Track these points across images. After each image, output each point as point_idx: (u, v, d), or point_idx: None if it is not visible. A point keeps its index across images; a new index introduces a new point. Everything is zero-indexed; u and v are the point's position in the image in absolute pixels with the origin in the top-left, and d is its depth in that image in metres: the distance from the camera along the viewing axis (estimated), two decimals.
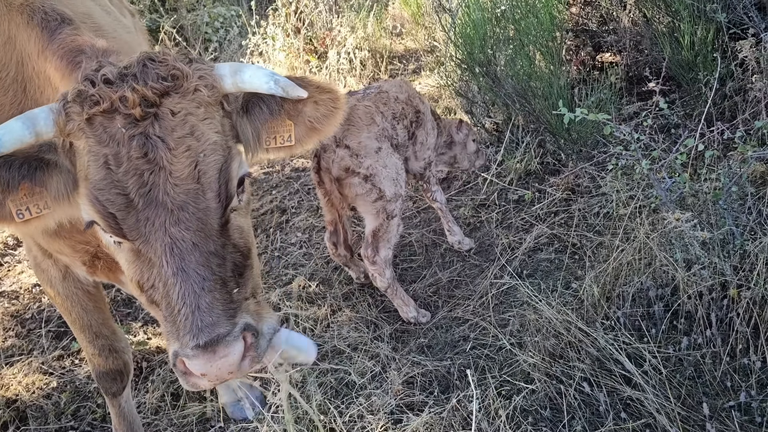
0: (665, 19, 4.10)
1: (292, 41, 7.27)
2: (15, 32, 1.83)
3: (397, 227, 3.01)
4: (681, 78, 3.92)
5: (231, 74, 1.45)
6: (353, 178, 2.85)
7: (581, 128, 3.62)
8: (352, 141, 2.85)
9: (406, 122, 3.18)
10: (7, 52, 1.85)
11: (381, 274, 3.01)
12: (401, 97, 3.20)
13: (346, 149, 2.84)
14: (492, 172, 4.07)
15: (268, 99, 1.58)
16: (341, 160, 2.84)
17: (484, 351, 2.77)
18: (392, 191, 2.92)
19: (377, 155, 2.88)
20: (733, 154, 2.77)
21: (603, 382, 2.31)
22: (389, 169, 2.91)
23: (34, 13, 1.78)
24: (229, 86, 1.47)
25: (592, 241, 3.12)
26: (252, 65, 1.47)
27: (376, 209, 2.92)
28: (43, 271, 2.34)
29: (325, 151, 2.88)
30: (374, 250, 2.98)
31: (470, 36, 4.15)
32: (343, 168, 2.85)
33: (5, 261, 4.49)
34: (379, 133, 2.94)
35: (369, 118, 2.93)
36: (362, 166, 2.84)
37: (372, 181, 2.86)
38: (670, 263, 2.42)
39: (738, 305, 2.26)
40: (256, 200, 4.81)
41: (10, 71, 1.85)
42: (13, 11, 1.85)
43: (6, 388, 3.14)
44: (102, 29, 2.07)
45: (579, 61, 4.74)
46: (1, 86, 1.87)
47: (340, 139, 2.86)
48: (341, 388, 2.77)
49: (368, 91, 3.17)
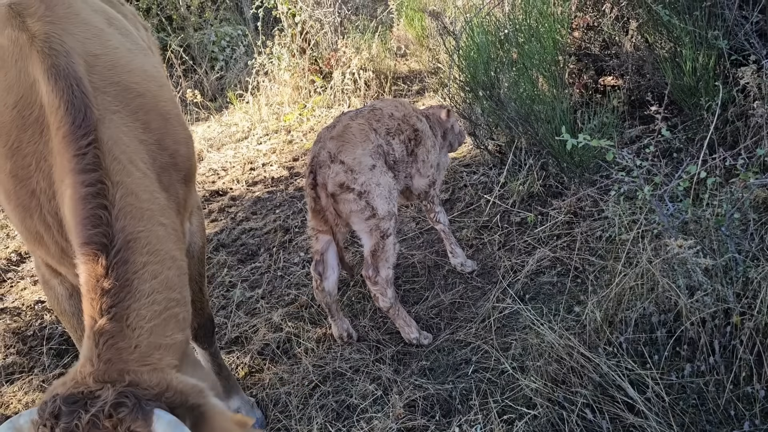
0: (667, 45, 4.14)
1: (297, 61, 7.35)
2: (39, 79, 1.87)
3: (394, 246, 3.01)
4: (683, 103, 3.94)
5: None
6: (348, 194, 2.88)
7: (584, 152, 3.64)
8: (347, 157, 2.88)
9: (402, 137, 3.18)
10: (33, 94, 1.90)
11: (383, 294, 3.01)
12: (396, 115, 3.22)
13: (341, 164, 2.87)
14: (494, 194, 4.09)
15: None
16: (336, 176, 2.87)
17: (486, 375, 2.76)
18: (385, 209, 2.93)
19: (371, 172, 2.90)
20: (735, 180, 2.78)
21: (605, 409, 2.30)
22: (382, 187, 2.93)
23: (59, 77, 1.83)
24: None
25: (594, 265, 3.12)
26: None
27: (369, 227, 2.93)
28: (51, 288, 2.35)
29: (320, 167, 2.91)
30: (375, 270, 2.98)
31: (474, 59, 4.19)
32: (338, 183, 2.87)
33: (8, 277, 4.50)
34: (373, 150, 2.96)
35: (363, 136, 2.96)
36: (357, 182, 2.86)
37: (366, 199, 2.88)
38: (673, 289, 2.42)
39: (741, 332, 2.25)
40: (260, 219, 4.82)
41: (34, 112, 1.90)
42: (34, 53, 1.90)
43: (6, 406, 3.14)
44: (117, 65, 2.10)
45: (581, 85, 4.78)
46: (23, 123, 1.91)
47: (335, 155, 2.88)
48: (342, 411, 2.76)
49: (361, 109, 3.21)
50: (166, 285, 1.78)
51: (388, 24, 8.90)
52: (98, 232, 1.68)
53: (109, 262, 1.66)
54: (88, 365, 1.55)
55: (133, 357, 1.59)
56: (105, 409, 1.46)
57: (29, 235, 2.06)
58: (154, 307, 1.71)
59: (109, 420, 1.46)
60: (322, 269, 3.13)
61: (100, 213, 1.71)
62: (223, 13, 10.20)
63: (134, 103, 2.08)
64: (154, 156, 2.09)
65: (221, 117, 7.88)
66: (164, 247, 1.86)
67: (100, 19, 2.31)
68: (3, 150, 1.96)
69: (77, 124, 1.78)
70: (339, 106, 7.04)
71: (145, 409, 1.48)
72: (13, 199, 2.01)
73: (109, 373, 1.54)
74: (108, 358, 1.56)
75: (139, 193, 1.87)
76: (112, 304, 1.63)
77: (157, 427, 1.47)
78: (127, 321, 1.63)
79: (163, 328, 1.70)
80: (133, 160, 1.93)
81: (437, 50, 7.11)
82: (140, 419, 1.47)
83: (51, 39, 1.93)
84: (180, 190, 2.25)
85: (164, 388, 1.55)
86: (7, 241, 5.00)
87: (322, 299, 3.17)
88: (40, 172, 1.91)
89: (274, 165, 5.96)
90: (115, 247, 1.69)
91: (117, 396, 1.48)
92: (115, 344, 1.59)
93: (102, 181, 1.75)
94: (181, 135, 2.31)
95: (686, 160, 3.25)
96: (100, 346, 1.57)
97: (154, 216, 1.88)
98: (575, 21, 4.74)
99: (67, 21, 2.08)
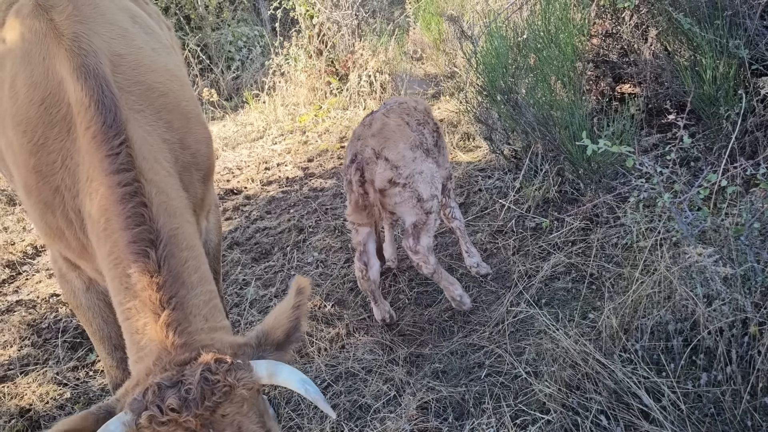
0: (687, 53, 4.12)
1: (314, 62, 7.38)
2: (67, 78, 1.90)
3: (435, 221, 3.15)
4: (701, 112, 3.92)
5: (268, 376, 1.64)
6: (395, 188, 3.03)
7: (601, 158, 3.63)
8: (390, 153, 3.02)
9: (429, 127, 3.35)
10: (60, 93, 1.92)
11: (425, 261, 3.12)
12: (419, 108, 3.40)
13: (386, 162, 3.00)
14: (509, 199, 4.08)
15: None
16: (383, 172, 3.00)
17: (499, 379, 2.76)
18: (428, 193, 3.07)
19: (413, 164, 3.05)
20: (755, 190, 2.76)
21: (620, 416, 2.29)
22: (425, 174, 3.08)
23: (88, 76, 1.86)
24: (266, 382, 1.66)
25: (610, 271, 3.11)
26: (286, 367, 1.65)
27: (414, 209, 3.09)
28: (67, 281, 2.38)
29: (367, 164, 3.03)
30: (416, 239, 3.10)
31: (492, 64, 4.19)
32: (386, 179, 3.01)
33: (24, 270, 4.55)
34: (412, 143, 3.11)
35: (401, 131, 3.11)
36: (402, 176, 3.01)
37: (411, 188, 3.04)
38: (690, 298, 2.41)
39: (759, 343, 2.24)
40: (274, 218, 4.84)
41: (62, 109, 1.92)
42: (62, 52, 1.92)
43: (20, 397, 3.16)
44: (141, 65, 2.12)
45: (598, 92, 4.77)
46: (50, 120, 1.94)
47: (380, 152, 3.02)
48: (355, 411, 2.76)
49: (388, 105, 3.34)
50: (205, 278, 1.86)
51: (404, 27, 8.93)
52: (143, 229, 1.74)
53: (159, 256, 1.72)
54: (164, 355, 1.62)
55: (202, 338, 1.67)
56: (211, 367, 1.55)
57: (49, 230, 2.09)
58: (202, 297, 1.78)
59: (218, 374, 1.54)
60: (367, 259, 3.26)
61: (141, 211, 1.75)
62: (241, 13, 10.27)
63: (157, 102, 2.11)
64: (177, 155, 2.12)
65: (237, 116, 7.92)
66: (196, 243, 1.92)
67: (125, 18, 2.33)
68: (28, 146, 1.99)
69: (108, 124, 1.82)
70: (354, 108, 7.06)
71: (242, 362, 1.61)
72: (35, 194, 2.03)
73: (189, 354, 1.61)
74: (183, 343, 1.64)
75: (168, 191, 1.91)
76: (171, 296, 1.69)
77: (259, 370, 1.62)
78: (188, 309, 1.70)
79: (213, 314, 1.78)
80: (159, 160, 1.96)
81: (454, 54, 7.12)
82: (243, 368, 1.59)
83: (80, 38, 1.96)
84: (199, 188, 2.27)
85: (236, 347, 1.67)
86: (23, 235, 5.05)
87: (367, 287, 3.29)
88: (65, 169, 1.94)
89: (289, 165, 5.98)
90: (162, 242, 1.75)
91: (215, 357, 1.58)
92: (185, 330, 1.66)
93: (137, 180, 1.79)
94: (202, 134, 2.34)
95: (705, 168, 3.24)
96: (171, 336, 1.65)
97: (183, 214, 1.92)
98: (594, 28, 4.73)
99: (94, 21, 2.10)
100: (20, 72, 2.02)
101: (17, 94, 2.01)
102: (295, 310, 1.73)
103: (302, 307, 1.75)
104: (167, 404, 1.49)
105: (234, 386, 1.57)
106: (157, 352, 1.63)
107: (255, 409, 1.64)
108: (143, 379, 1.58)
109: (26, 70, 2.01)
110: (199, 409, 1.51)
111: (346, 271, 3.89)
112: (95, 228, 1.83)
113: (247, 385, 1.59)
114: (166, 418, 1.49)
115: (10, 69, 2.06)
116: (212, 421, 1.53)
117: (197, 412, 1.51)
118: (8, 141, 2.08)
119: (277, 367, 1.64)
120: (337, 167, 5.68)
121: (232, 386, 1.56)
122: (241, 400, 1.58)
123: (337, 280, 3.80)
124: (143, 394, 1.52)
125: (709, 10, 3.75)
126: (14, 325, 3.77)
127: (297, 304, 1.73)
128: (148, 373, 1.59)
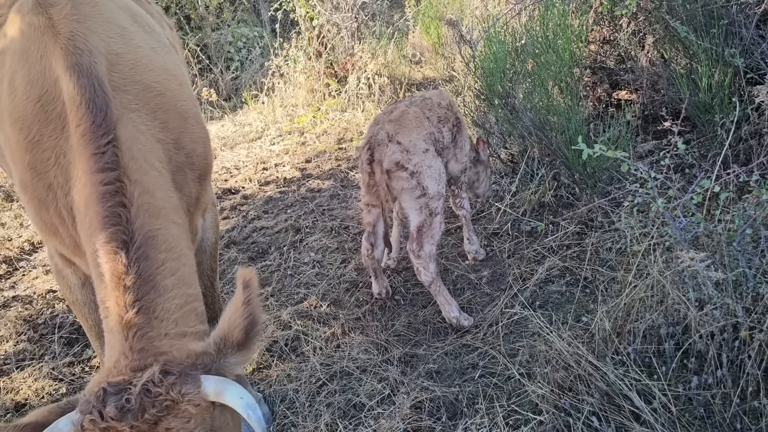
0: (683, 61, 4.16)
1: (313, 64, 7.41)
2: (62, 76, 1.90)
3: (440, 225, 3.22)
4: (696, 119, 3.96)
5: (215, 394, 1.59)
6: (402, 172, 3.10)
7: (597, 163, 3.67)
8: (404, 139, 3.12)
9: (449, 125, 3.46)
10: (56, 90, 1.93)
11: (425, 267, 3.19)
12: (443, 103, 3.51)
13: (398, 145, 3.10)
14: (505, 203, 4.11)
15: None
16: (393, 154, 3.10)
17: (492, 379, 2.78)
18: (435, 189, 3.15)
19: (424, 155, 3.14)
20: (748, 197, 2.80)
21: (612, 418, 2.32)
22: (433, 169, 3.16)
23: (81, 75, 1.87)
24: (212, 399, 1.60)
25: (604, 275, 3.14)
26: (235, 388, 1.59)
27: (419, 205, 3.15)
28: (63, 277, 2.39)
29: (378, 145, 3.13)
30: (419, 244, 3.17)
31: (491, 68, 4.22)
32: (394, 162, 3.10)
33: (20, 266, 4.55)
34: (426, 136, 3.21)
35: (419, 122, 3.22)
36: (411, 162, 3.10)
37: (417, 178, 3.11)
38: (683, 302, 2.44)
39: (749, 347, 2.27)
40: (271, 218, 4.86)
41: (57, 107, 1.93)
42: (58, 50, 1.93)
43: (16, 392, 3.17)
44: (138, 64, 2.13)
45: (595, 97, 4.81)
46: (46, 117, 1.94)
47: (393, 136, 3.13)
48: (349, 410, 2.78)
49: (413, 98, 3.49)
50: (184, 281, 1.83)
51: (404, 31, 8.97)
52: (118, 229, 1.73)
53: (130, 258, 1.70)
54: (122, 359, 1.60)
55: (163, 343, 1.64)
56: (154, 379, 1.52)
57: (44, 226, 2.10)
58: (176, 300, 1.75)
59: (160, 387, 1.52)
60: (374, 240, 3.40)
61: (119, 211, 1.75)
62: (241, 14, 10.30)
63: (154, 102, 2.11)
64: (171, 155, 2.12)
65: (235, 116, 7.94)
66: (179, 244, 1.90)
67: (124, 17, 2.34)
68: (24, 142, 2.00)
69: (97, 123, 1.82)
70: (353, 110, 7.09)
71: (190, 375, 1.56)
72: (30, 191, 2.04)
73: (144, 360, 1.59)
74: (140, 348, 1.61)
75: (155, 191, 1.90)
76: (137, 298, 1.67)
77: (206, 387, 1.56)
78: (154, 313, 1.67)
79: (185, 319, 1.75)
80: (149, 159, 1.96)
81: (452, 58, 7.16)
82: (189, 383, 1.55)
83: (76, 37, 1.96)
84: (194, 188, 2.28)
85: (194, 357, 1.62)
86: (20, 231, 5.06)
87: (370, 265, 3.47)
88: (58, 167, 1.94)
89: (287, 166, 6.00)
90: (135, 243, 1.73)
91: (161, 368, 1.55)
92: (145, 335, 1.63)
93: (120, 179, 1.79)
94: (199, 134, 2.34)
95: (699, 175, 3.27)
96: (130, 339, 1.62)
97: (168, 214, 1.91)
98: (592, 34, 4.77)
99: (92, 19, 2.11)
100: (19, 69, 2.03)
101: (15, 90, 2.03)
102: (247, 306, 1.67)
103: (253, 300, 1.69)
104: (106, 411, 1.48)
105: (177, 401, 1.53)
106: (117, 355, 1.61)
107: (204, 427, 1.59)
108: (100, 380, 1.56)
109: (24, 68, 2.02)
110: (137, 421, 1.48)
111: (342, 271, 3.91)
112: (82, 226, 1.83)
113: (193, 401, 1.55)
114: (104, 425, 1.47)
115: (9, 66, 2.08)
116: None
117: (134, 424, 1.48)
118: (6, 137, 2.09)
119: (225, 386, 1.59)
120: (335, 168, 5.70)
121: (174, 401, 1.52)
122: (187, 415, 1.54)
123: (334, 281, 3.82)
124: (93, 397, 1.50)
125: (706, 19, 3.79)
126: (10, 321, 3.78)
127: (247, 299, 1.67)
128: (105, 376, 1.57)
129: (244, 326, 1.65)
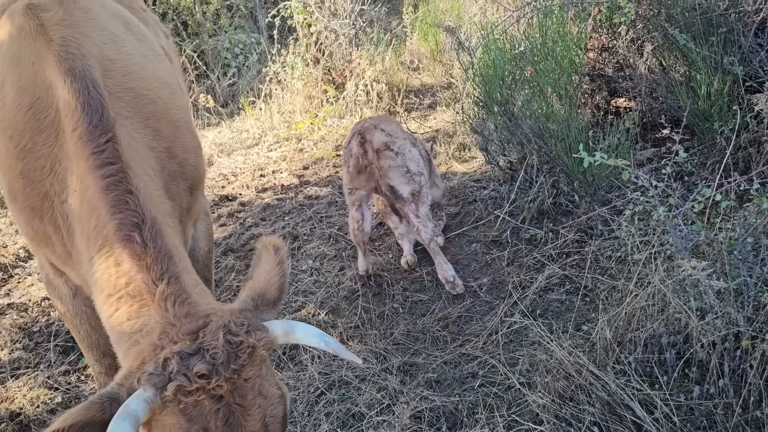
0: (682, 69, 4.16)
1: (311, 71, 7.40)
2: (55, 82, 1.88)
3: (427, 195, 3.62)
4: (695, 127, 3.96)
5: (284, 335, 1.65)
6: (389, 152, 3.53)
7: (597, 171, 3.66)
8: (387, 127, 3.64)
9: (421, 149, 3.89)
10: (48, 97, 1.90)
11: (425, 225, 3.53)
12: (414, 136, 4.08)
13: (382, 132, 3.59)
14: (504, 210, 4.10)
15: None
16: (380, 137, 3.56)
17: (492, 389, 2.76)
18: (416, 169, 3.57)
19: (404, 141, 3.61)
20: (748, 205, 2.79)
21: (613, 428, 2.30)
22: (413, 153, 3.62)
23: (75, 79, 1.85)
24: (283, 341, 1.66)
25: (604, 284, 3.12)
26: (300, 324, 1.67)
27: (406, 180, 3.53)
28: (54, 287, 2.35)
29: (368, 131, 3.59)
30: (416, 206, 3.54)
31: (489, 75, 4.22)
32: (382, 143, 3.54)
33: (15, 273, 4.52)
34: (403, 132, 3.70)
35: (397, 124, 3.76)
36: (395, 144, 3.55)
37: (401, 157, 3.53)
38: (684, 311, 2.43)
39: (751, 357, 2.25)
40: (269, 225, 4.84)
41: (50, 114, 1.90)
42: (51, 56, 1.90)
43: (11, 401, 3.14)
44: (130, 71, 2.11)
45: (594, 105, 4.81)
46: (39, 125, 1.92)
47: (377, 125, 3.62)
48: (348, 419, 2.76)
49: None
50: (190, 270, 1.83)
51: (402, 38, 8.98)
52: (127, 214, 1.71)
53: (144, 237, 1.69)
54: (169, 328, 1.56)
55: (203, 308, 1.64)
56: (232, 329, 1.53)
57: (36, 235, 2.06)
58: (193, 276, 1.78)
59: (239, 336, 1.53)
60: (362, 213, 3.69)
61: (126, 198, 1.73)
62: (238, 20, 10.29)
63: (146, 110, 2.09)
64: (163, 164, 2.10)
65: (232, 123, 7.93)
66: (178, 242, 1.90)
67: (117, 24, 2.32)
68: (14, 151, 1.96)
69: (94, 125, 1.80)
70: (351, 117, 7.08)
71: (256, 322, 1.61)
72: (21, 200, 2.01)
73: (195, 323, 1.57)
74: (185, 313, 1.60)
75: (152, 195, 1.89)
76: (163, 271, 1.66)
77: (275, 330, 1.62)
78: (182, 282, 1.67)
79: (203, 294, 1.76)
80: (143, 166, 1.94)
81: (451, 65, 7.17)
82: (260, 329, 1.59)
83: (68, 43, 1.94)
84: (185, 198, 2.25)
85: (237, 313, 1.64)
86: (15, 237, 5.02)
87: (361, 238, 3.70)
88: (54, 175, 1.92)
89: (284, 172, 5.98)
90: (147, 224, 1.72)
91: (230, 319, 1.57)
92: (185, 301, 1.63)
93: (123, 170, 1.77)
94: (191, 144, 2.32)
95: (699, 183, 3.27)
96: (171, 308, 1.60)
97: (164, 217, 1.90)
98: (590, 42, 4.77)
99: (85, 25, 2.09)
100: (8, 76, 2.00)
101: (5, 98, 1.99)
102: (281, 266, 1.73)
103: (284, 261, 1.76)
104: (195, 371, 1.44)
105: (255, 347, 1.54)
106: (161, 327, 1.57)
107: (272, 371, 1.63)
108: (151, 355, 1.51)
109: (14, 74, 1.99)
110: (228, 373, 1.48)
111: (340, 279, 3.89)
112: (85, 227, 1.80)
113: (266, 345, 1.58)
114: (194, 387, 1.44)
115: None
116: (236, 384, 1.50)
117: (227, 376, 1.47)
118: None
119: (292, 326, 1.64)
120: (333, 175, 5.69)
121: (254, 347, 1.54)
122: (260, 361, 1.56)
123: (332, 288, 3.80)
124: (162, 367, 1.46)
125: (704, 27, 3.80)
126: (5, 328, 3.74)
127: (280, 260, 1.74)
128: (155, 349, 1.52)
129: (279, 284, 1.73)
